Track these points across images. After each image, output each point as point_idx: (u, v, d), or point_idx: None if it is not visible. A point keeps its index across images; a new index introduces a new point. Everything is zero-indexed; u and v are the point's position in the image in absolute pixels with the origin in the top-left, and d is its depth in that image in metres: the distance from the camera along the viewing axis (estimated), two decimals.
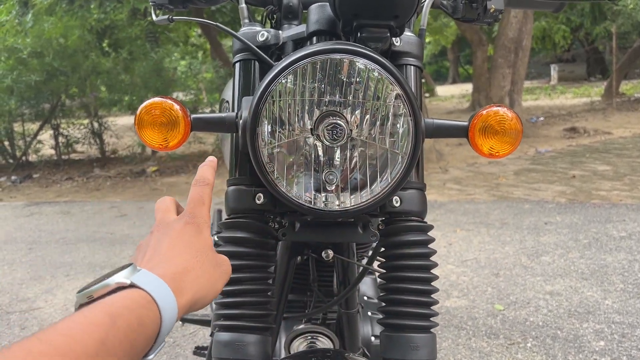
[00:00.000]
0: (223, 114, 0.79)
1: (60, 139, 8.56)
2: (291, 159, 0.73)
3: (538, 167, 6.01)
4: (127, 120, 9.22)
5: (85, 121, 8.67)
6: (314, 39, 0.83)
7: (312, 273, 1.11)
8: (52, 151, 8.71)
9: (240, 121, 0.75)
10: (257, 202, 0.79)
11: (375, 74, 0.70)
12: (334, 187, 0.74)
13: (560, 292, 2.58)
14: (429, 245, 0.83)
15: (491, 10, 0.99)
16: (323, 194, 0.74)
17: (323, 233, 0.81)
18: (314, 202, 0.73)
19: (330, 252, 0.95)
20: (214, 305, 1.77)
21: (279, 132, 0.72)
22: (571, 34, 18.35)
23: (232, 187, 0.82)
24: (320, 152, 0.73)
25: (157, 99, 0.78)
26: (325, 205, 0.74)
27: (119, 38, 8.41)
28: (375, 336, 1.33)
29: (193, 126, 0.78)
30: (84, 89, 8.23)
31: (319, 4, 0.83)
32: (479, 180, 5.53)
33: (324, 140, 0.71)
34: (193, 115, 0.78)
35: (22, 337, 0.40)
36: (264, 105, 0.70)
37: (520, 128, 0.80)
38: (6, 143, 8.41)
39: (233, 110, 0.85)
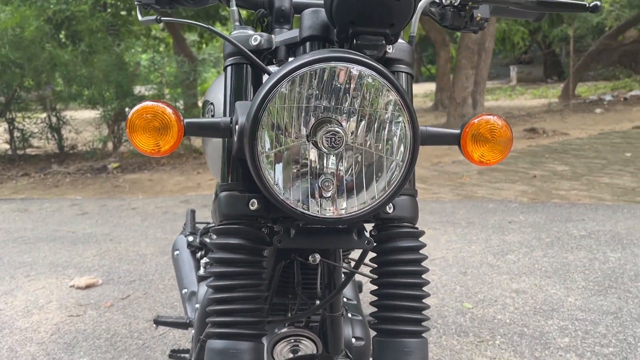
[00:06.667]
0: (217, 119, 0.78)
1: (16, 133, 8.24)
2: (288, 166, 0.73)
3: (500, 166, 6.16)
4: (87, 114, 8.94)
5: (43, 115, 8.37)
6: (307, 44, 0.83)
7: (296, 276, 1.11)
8: (7, 146, 8.38)
9: (237, 126, 0.74)
10: (251, 208, 0.79)
11: (370, 80, 0.70)
12: (329, 194, 0.74)
13: (526, 290, 2.66)
14: (420, 251, 0.84)
15: (477, 19, 1.02)
16: (319, 201, 0.74)
17: (319, 240, 0.81)
18: (310, 209, 0.73)
19: (318, 256, 0.95)
20: (192, 307, 1.74)
21: (276, 138, 0.71)
22: (529, 36, 18.86)
23: (224, 193, 0.81)
24: (316, 159, 0.73)
25: (149, 103, 0.76)
26: (321, 212, 0.74)
27: (77, 30, 8.13)
28: (356, 337, 1.33)
29: (186, 130, 0.77)
30: (39, 81, 7.95)
31: (313, 9, 0.83)
32: (443, 180, 5.63)
33: (322, 148, 0.71)
34: (186, 120, 0.77)
35: None
36: (263, 112, 0.69)
37: (510, 136, 0.83)
38: None
39: (225, 115, 0.84)
